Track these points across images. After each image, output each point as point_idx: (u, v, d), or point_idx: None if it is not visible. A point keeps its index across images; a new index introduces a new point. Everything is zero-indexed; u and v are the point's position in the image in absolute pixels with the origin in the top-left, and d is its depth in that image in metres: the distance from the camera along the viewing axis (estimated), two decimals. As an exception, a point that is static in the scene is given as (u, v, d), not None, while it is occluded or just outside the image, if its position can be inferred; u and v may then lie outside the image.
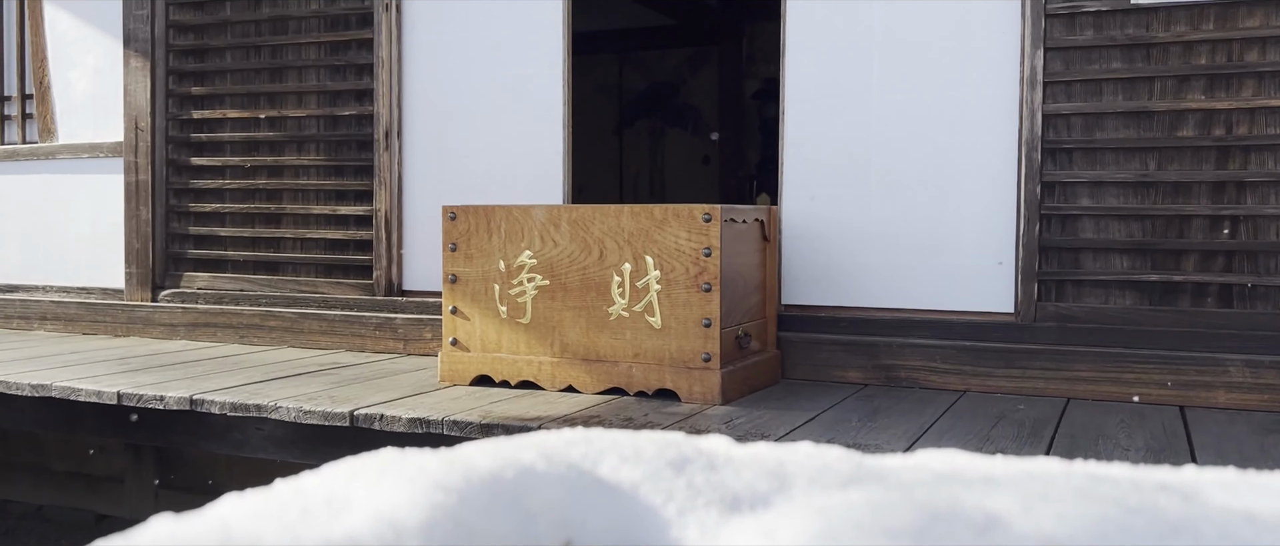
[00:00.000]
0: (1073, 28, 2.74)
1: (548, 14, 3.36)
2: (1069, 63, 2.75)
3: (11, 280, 4.25)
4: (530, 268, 2.84)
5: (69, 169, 4.09)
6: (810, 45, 3.06)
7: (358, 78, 3.60)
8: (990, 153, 2.86)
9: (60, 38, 4.11)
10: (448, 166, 3.53)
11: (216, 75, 3.82)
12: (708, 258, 2.63)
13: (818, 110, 3.05)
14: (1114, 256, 2.73)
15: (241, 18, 3.76)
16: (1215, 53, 2.62)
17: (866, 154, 2.99)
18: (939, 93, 2.91)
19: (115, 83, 3.96)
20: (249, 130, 3.78)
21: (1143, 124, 2.69)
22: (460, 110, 3.50)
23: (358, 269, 3.63)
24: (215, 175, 3.84)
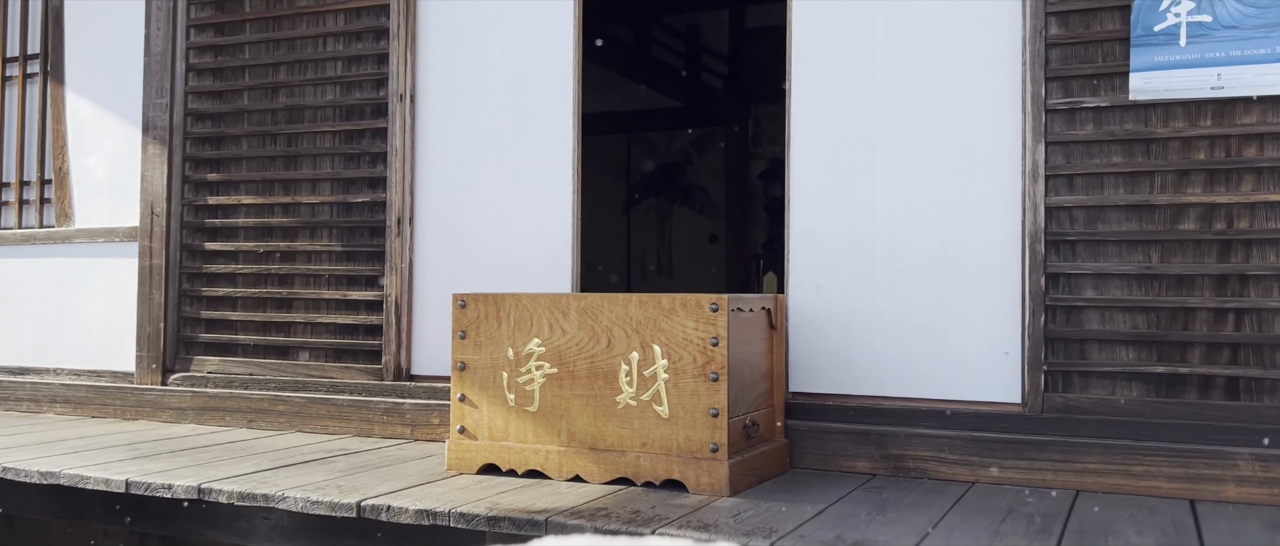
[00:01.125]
0: (1073, 122, 2.80)
1: (558, 106, 3.43)
2: (1070, 156, 2.79)
3: (23, 362, 4.27)
4: (538, 356, 2.86)
5: (84, 253, 4.15)
6: (814, 139, 3.11)
7: (371, 166, 3.67)
8: (995, 244, 2.89)
9: (81, 125, 4.20)
10: (458, 252, 3.57)
11: (232, 162, 3.90)
12: (715, 347, 2.65)
13: (823, 201, 3.10)
14: (1120, 347, 2.74)
15: (258, 107, 3.85)
16: (1214, 148, 2.67)
17: (872, 243, 3.03)
18: (942, 185, 2.96)
19: (133, 169, 4.04)
20: (263, 216, 3.83)
21: (1144, 217, 2.72)
22: (471, 198, 3.56)
23: (367, 354, 3.65)
24: (228, 260, 3.89)
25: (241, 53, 3.90)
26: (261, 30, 3.87)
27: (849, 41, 3.08)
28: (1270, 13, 2.57)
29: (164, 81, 3.96)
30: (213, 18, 3.94)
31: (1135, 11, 2.70)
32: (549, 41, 3.46)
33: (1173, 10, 2.65)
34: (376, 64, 3.67)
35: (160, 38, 3.97)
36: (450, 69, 3.61)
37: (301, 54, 3.79)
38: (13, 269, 4.31)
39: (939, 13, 2.98)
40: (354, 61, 3.71)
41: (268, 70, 3.85)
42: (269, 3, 3.86)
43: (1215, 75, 2.62)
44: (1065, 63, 2.81)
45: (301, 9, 3.79)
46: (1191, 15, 2.64)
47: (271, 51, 3.84)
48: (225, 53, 3.93)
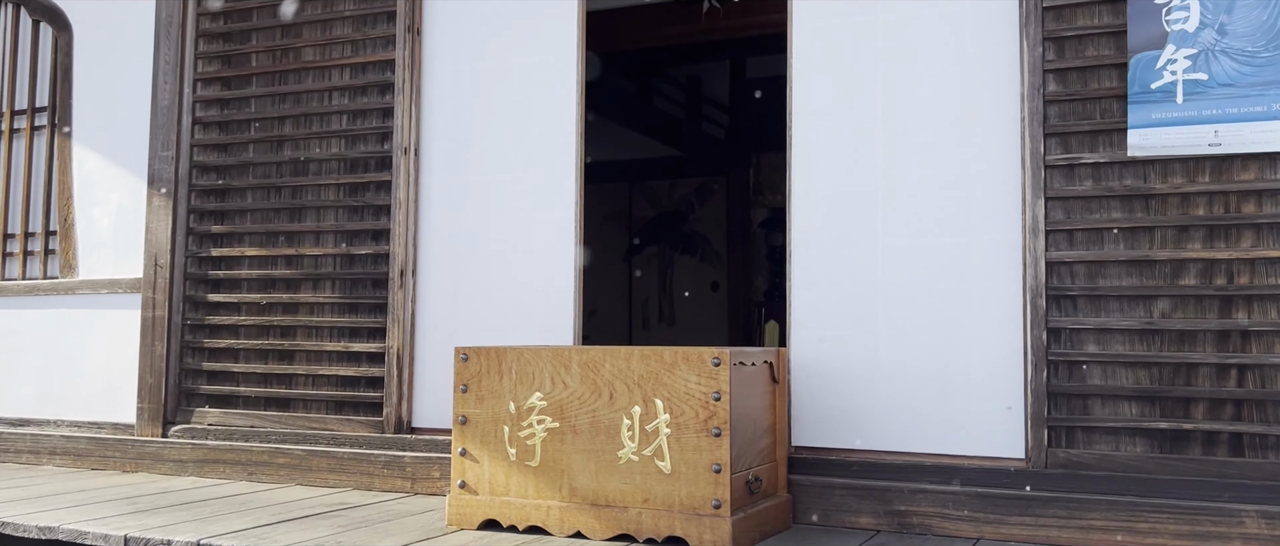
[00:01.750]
0: (1072, 178, 2.81)
1: (560, 159, 3.46)
2: (1070, 211, 2.81)
3: (24, 414, 4.27)
4: (540, 410, 2.85)
5: (87, 304, 4.15)
6: (814, 192, 3.13)
7: (375, 218, 3.69)
8: (996, 298, 2.90)
9: (87, 177, 4.23)
10: (460, 304, 3.58)
11: (237, 214, 3.92)
12: (717, 402, 2.64)
13: (824, 253, 3.11)
14: (1123, 403, 2.74)
15: (264, 159, 3.88)
16: (1213, 204, 2.68)
17: (873, 297, 3.04)
18: (943, 239, 2.97)
19: (138, 220, 4.06)
20: (266, 267, 3.85)
21: (1145, 272, 2.73)
22: (474, 250, 3.57)
23: (368, 406, 3.65)
24: (231, 311, 3.90)
25: (247, 106, 3.94)
26: (267, 84, 3.91)
27: (849, 96, 3.11)
28: (1265, 71, 2.60)
29: (170, 134, 3.99)
30: (220, 72, 3.99)
31: (1132, 69, 2.73)
32: (551, 95, 3.49)
33: (1169, 68, 2.68)
34: (381, 118, 3.70)
35: (167, 91, 4.01)
36: (453, 122, 3.64)
37: (307, 108, 3.83)
38: (15, 320, 4.31)
39: (938, 68, 3.01)
40: (359, 115, 3.75)
41: (273, 123, 3.89)
42: (276, 57, 3.90)
43: (1212, 132, 2.64)
44: (1064, 119, 2.83)
45: (308, 63, 3.84)
46: (1188, 73, 2.67)
47: (277, 105, 3.88)
48: (231, 106, 3.97)
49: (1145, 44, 2.71)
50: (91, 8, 4.26)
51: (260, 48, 3.92)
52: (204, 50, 4.02)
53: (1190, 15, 2.67)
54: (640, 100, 7.56)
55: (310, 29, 3.85)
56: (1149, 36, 2.71)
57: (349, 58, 3.77)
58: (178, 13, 4.02)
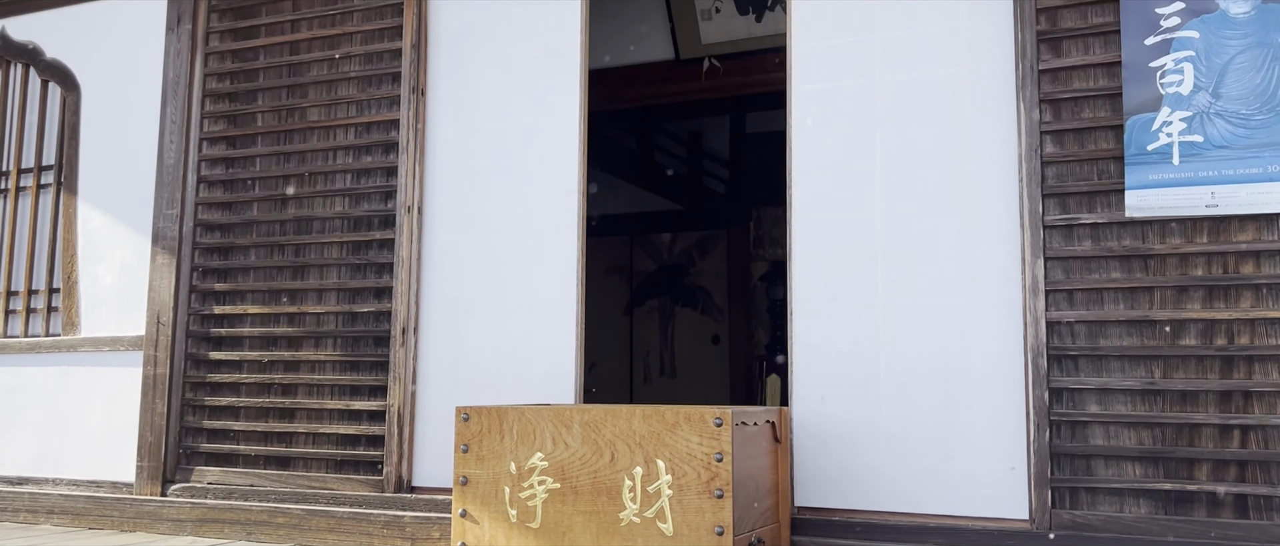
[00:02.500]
0: (1071, 238, 2.83)
1: (562, 217, 3.48)
2: (1069, 271, 2.82)
3: (23, 472, 4.25)
4: (541, 470, 2.84)
5: (89, 362, 4.15)
6: (814, 251, 3.15)
7: (378, 276, 3.70)
8: (998, 357, 2.90)
9: (92, 234, 4.25)
10: (461, 361, 3.58)
11: (240, 272, 3.94)
12: (720, 463, 2.63)
13: (825, 312, 3.12)
14: (1126, 463, 2.73)
15: (267, 218, 3.91)
16: (1211, 264, 2.70)
17: (875, 355, 3.04)
18: (943, 298, 2.98)
19: (141, 278, 4.08)
20: (269, 325, 3.86)
21: (1145, 332, 2.74)
22: (476, 307, 3.58)
23: (368, 465, 3.63)
24: (232, 369, 3.90)
25: (252, 165, 3.98)
26: (272, 143, 3.95)
27: (848, 157, 3.14)
28: (1260, 134, 2.63)
29: (175, 192, 4.03)
30: (225, 131, 4.03)
31: (1128, 131, 2.76)
32: (554, 154, 3.53)
33: (1165, 130, 2.72)
34: (385, 177, 3.73)
35: (173, 150, 4.05)
36: (456, 181, 3.67)
37: (312, 166, 3.86)
38: (16, 378, 4.31)
39: (936, 130, 3.04)
40: (363, 174, 3.78)
41: (278, 182, 3.92)
42: (281, 117, 3.95)
43: (1209, 194, 2.66)
44: (1062, 180, 2.86)
45: (313, 123, 3.88)
46: (1183, 135, 2.70)
47: (282, 164, 3.92)
48: (236, 165, 4.01)
49: (1141, 106, 2.75)
50: (100, 68, 4.32)
51: (266, 107, 3.97)
52: (210, 110, 4.06)
53: (1184, 79, 2.70)
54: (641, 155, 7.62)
55: (316, 89, 3.90)
56: (1144, 99, 2.75)
57: (354, 118, 3.81)
58: (185, 73, 4.08)
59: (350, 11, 3.86)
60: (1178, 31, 2.72)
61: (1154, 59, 2.74)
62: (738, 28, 5.41)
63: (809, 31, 3.25)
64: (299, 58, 3.93)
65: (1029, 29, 2.91)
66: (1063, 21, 2.89)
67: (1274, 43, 2.62)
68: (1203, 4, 2.70)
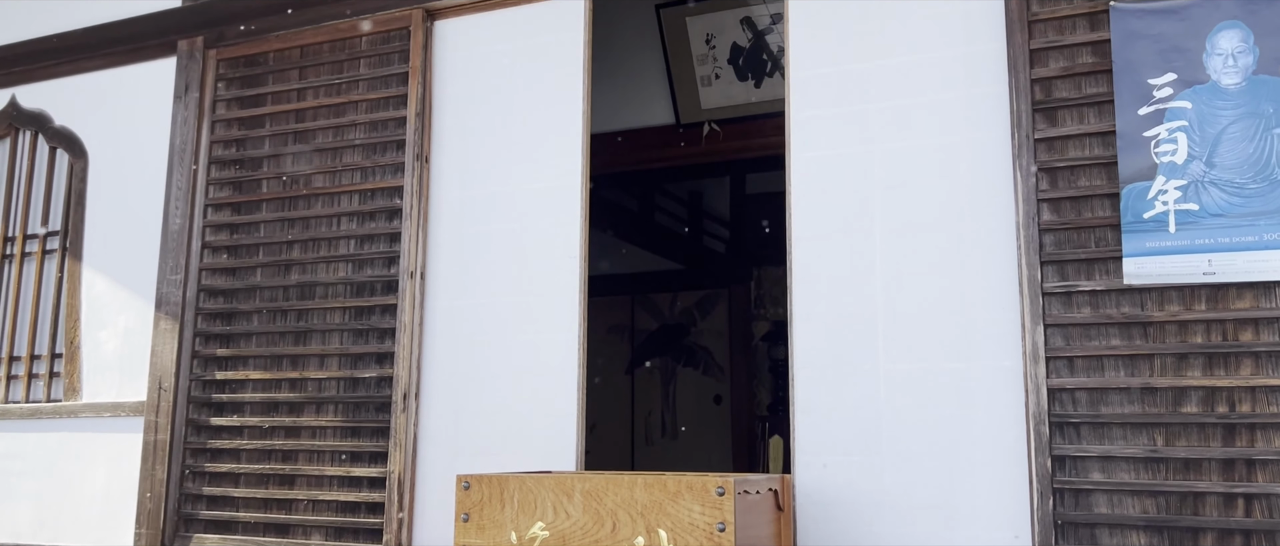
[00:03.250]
0: (1070, 305, 2.85)
1: (565, 282, 3.50)
2: (1069, 339, 2.83)
3: (21, 539, 4.22)
4: (542, 540, 2.82)
5: (90, 428, 4.15)
6: (815, 316, 3.17)
7: (380, 341, 3.71)
8: (999, 425, 2.90)
9: (95, 299, 4.27)
10: (463, 427, 3.58)
11: (243, 337, 3.95)
12: (722, 533, 2.62)
13: (826, 378, 3.12)
14: (1131, 532, 2.71)
15: (271, 283, 3.93)
16: (1211, 332, 2.71)
17: (877, 422, 3.04)
18: (944, 364, 2.99)
19: (144, 343, 4.09)
20: (270, 391, 3.86)
21: (1147, 399, 2.74)
22: (477, 372, 3.59)
23: (368, 532, 3.61)
24: (233, 435, 3.89)
25: (257, 231, 4.01)
26: (278, 209, 3.99)
27: (847, 223, 3.17)
28: (1254, 202, 2.65)
29: (180, 258, 4.05)
30: (231, 197, 4.07)
31: (1124, 199, 2.79)
32: (556, 220, 3.56)
33: (1160, 199, 2.74)
34: (389, 242, 3.76)
35: (179, 215, 4.09)
36: (459, 246, 3.70)
37: (316, 232, 3.89)
38: (16, 444, 4.30)
39: (934, 197, 3.07)
40: (367, 240, 3.81)
41: (282, 248, 3.95)
42: (286, 183, 3.99)
43: (1206, 261, 2.68)
44: (1059, 247, 2.88)
45: (318, 189, 3.92)
46: (1179, 203, 2.73)
47: (286, 230, 3.95)
48: (241, 231, 4.04)
49: (1136, 175, 2.78)
50: (108, 135, 4.38)
51: (271, 174, 4.01)
52: (216, 176, 4.11)
53: (1178, 148, 2.74)
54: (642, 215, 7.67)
55: (321, 156, 3.94)
56: (1139, 168, 2.78)
57: (358, 184, 3.85)
58: (191, 140, 4.13)
59: (356, 81, 3.93)
60: (1170, 102, 2.76)
61: (1148, 129, 2.78)
62: (737, 93, 5.49)
63: (807, 101, 3.30)
64: (305, 125, 3.98)
65: (1024, 99, 2.95)
66: (1057, 92, 2.94)
67: (1265, 114, 2.66)
68: (1194, 75, 2.75)
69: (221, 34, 4.19)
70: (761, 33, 5.41)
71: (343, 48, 3.97)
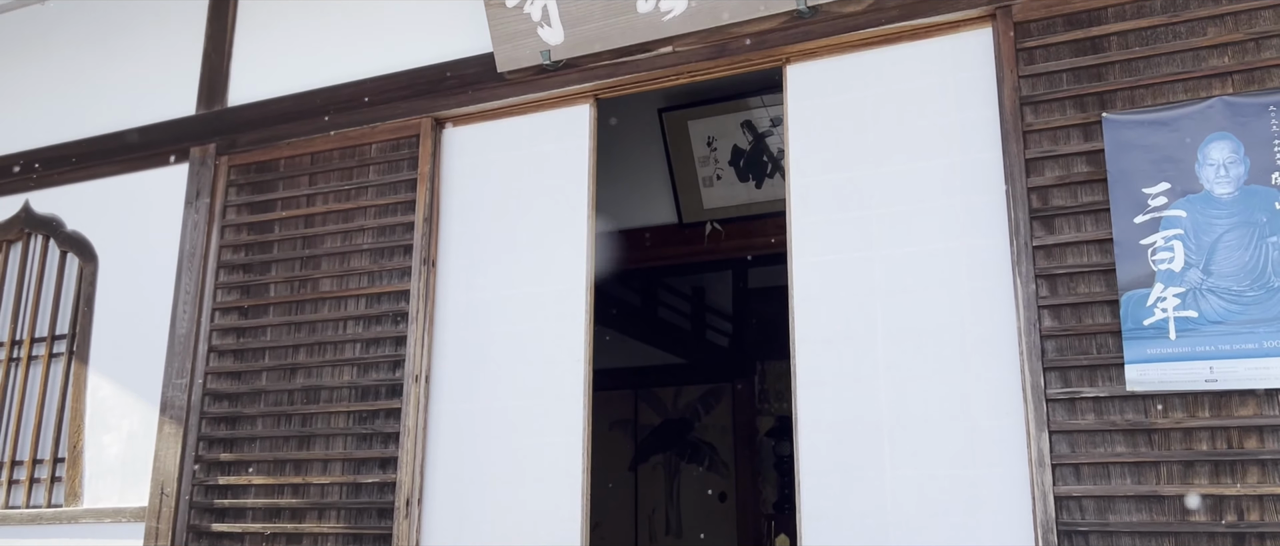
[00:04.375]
0: (1074, 412, 2.85)
1: (568, 385, 3.51)
2: (1074, 445, 2.83)
3: (15, 649, 4.15)
4: (547, 654, 2.78)
5: (90, 534, 4.11)
6: (821, 421, 3.17)
7: (383, 445, 3.71)
8: (1007, 532, 2.87)
9: (100, 404, 4.28)
10: (466, 532, 3.55)
11: (246, 441, 3.94)
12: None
13: (832, 484, 3.10)
14: (1145, 645, 2.67)
15: (276, 387, 3.94)
16: (1215, 439, 2.70)
17: (884, 530, 3.01)
18: (950, 471, 2.98)
19: (147, 448, 4.08)
20: (272, 496, 3.84)
21: (1154, 508, 2.72)
22: (481, 475, 3.57)
23: (370, 642, 3.55)
24: (235, 543, 3.85)
25: (263, 335, 4.03)
26: (284, 313, 4.02)
27: (850, 328, 3.19)
28: (1253, 310, 2.68)
29: (186, 362, 4.07)
30: (238, 301, 4.11)
31: (1124, 306, 2.82)
32: (560, 322, 3.58)
33: (1160, 306, 2.77)
34: (394, 346, 3.78)
35: (186, 319, 4.12)
36: (464, 350, 3.72)
37: (322, 336, 3.92)
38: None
39: (936, 302, 3.10)
40: (372, 343, 3.83)
41: (288, 352, 3.97)
42: (294, 287, 4.03)
43: (1208, 368, 2.70)
44: (1061, 353, 2.90)
45: (324, 294, 3.95)
46: (1178, 310, 2.75)
47: (292, 333, 3.98)
48: (247, 335, 4.07)
49: (1134, 282, 2.81)
50: (118, 240, 4.44)
51: (279, 278, 4.05)
52: (224, 280, 4.15)
53: (1175, 256, 2.78)
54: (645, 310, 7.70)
55: (329, 260, 3.99)
56: (1137, 275, 2.81)
57: (365, 288, 3.89)
58: (201, 244, 4.19)
59: (365, 187, 4.00)
60: (1165, 211, 2.81)
61: (1144, 236, 2.82)
62: (738, 194, 5.57)
63: (807, 207, 3.36)
64: (314, 230, 4.04)
65: (1022, 207, 3.00)
66: (1054, 200, 2.99)
67: (1259, 223, 2.71)
68: (1187, 184, 2.80)
69: (234, 141, 4.28)
70: (762, 135, 5.52)
71: (353, 155, 4.06)
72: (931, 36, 3.27)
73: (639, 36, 3.59)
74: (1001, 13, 3.14)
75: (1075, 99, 3.02)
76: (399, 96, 3.99)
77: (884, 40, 3.33)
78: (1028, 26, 3.11)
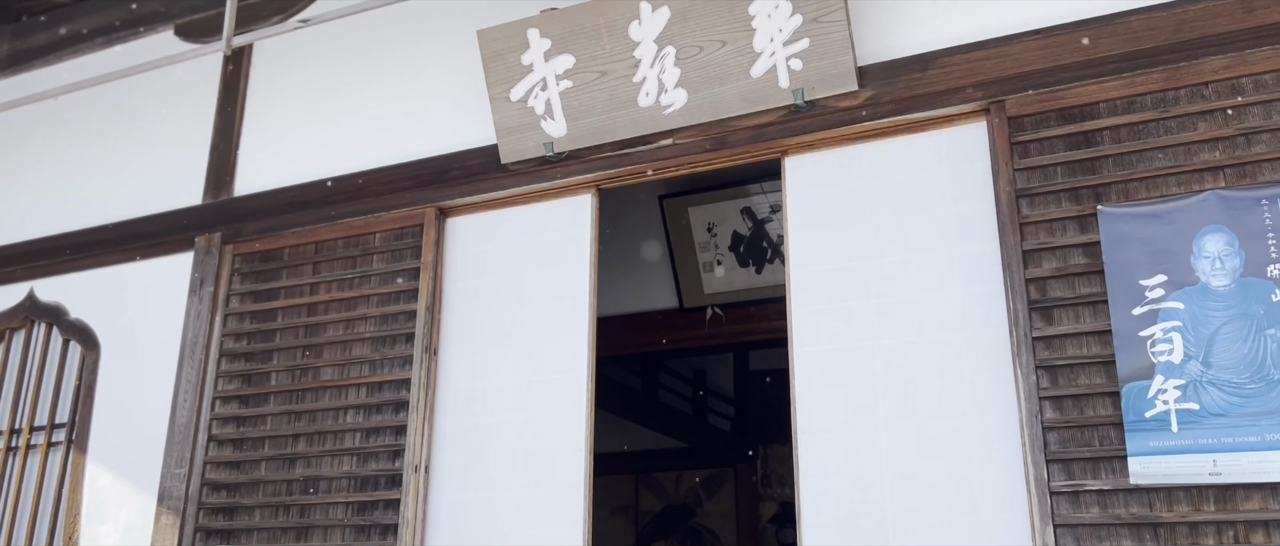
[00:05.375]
0: (1078, 505, 2.83)
1: (569, 476, 3.49)
2: (1080, 539, 2.80)
3: None
4: None
5: (83, 628, 4.05)
6: (825, 512, 3.14)
7: (382, 537, 3.67)
8: (1014, 629, 2.83)
9: (97, 493, 4.24)
10: (465, 628, 3.49)
11: (244, 533, 3.90)
12: None
13: (836, 578, 3.07)
14: None
15: (275, 477, 3.91)
16: (1222, 533, 2.68)
17: (889, 626, 2.97)
18: (956, 565, 2.94)
19: (143, 539, 4.03)
20: (269, 589, 3.78)
21: (1163, 604, 2.69)
22: (480, 569, 3.53)
23: None
24: (229, 636, 3.79)
25: (263, 424, 4.02)
26: (285, 402, 4.01)
27: (851, 417, 3.19)
28: (1254, 402, 2.68)
29: (185, 451, 4.05)
30: (239, 390, 4.11)
31: (1125, 398, 2.82)
32: (561, 411, 3.57)
33: (1161, 398, 2.77)
34: (394, 435, 3.77)
35: (186, 409, 4.11)
36: (465, 440, 3.70)
37: (322, 425, 3.90)
38: (6, 644, 4.19)
39: (937, 392, 3.10)
40: (372, 433, 3.81)
41: (287, 441, 3.95)
42: (295, 376, 4.03)
43: (1211, 461, 2.69)
44: (1064, 446, 2.89)
45: (326, 383, 3.95)
46: (1179, 403, 2.75)
47: (292, 423, 3.96)
48: (247, 424, 4.05)
49: (1134, 374, 2.82)
50: (121, 328, 4.45)
51: (281, 367, 4.06)
52: (225, 369, 4.15)
53: (1174, 348, 2.79)
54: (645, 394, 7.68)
55: (331, 349, 4.00)
56: (1137, 367, 2.82)
57: (366, 377, 3.89)
58: (204, 333, 4.20)
59: (369, 275, 4.03)
60: (1163, 303, 2.83)
61: (1143, 328, 2.84)
62: (739, 279, 5.61)
63: (807, 296, 3.38)
64: (316, 319, 4.06)
65: (1020, 298, 3.02)
66: (1052, 292, 3.01)
67: (1256, 315, 2.72)
68: (1184, 277, 2.83)
69: (239, 230, 4.32)
70: (761, 222, 5.58)
71: (357, 243, 4.09)
72: (927, 130, 3.33)
73: (640, 129, 3.66)
74: (995, 107, 3.21)
75: (1070, 191, 3.06)
76: (404, 186, 4.05)
77: (880, 133, 3.39)
78: (1021, 121, 3.17)
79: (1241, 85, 2.94)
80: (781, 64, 3.43)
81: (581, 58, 3.67)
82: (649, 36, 3.59)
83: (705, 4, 3.50)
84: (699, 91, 3.54)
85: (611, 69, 3.65)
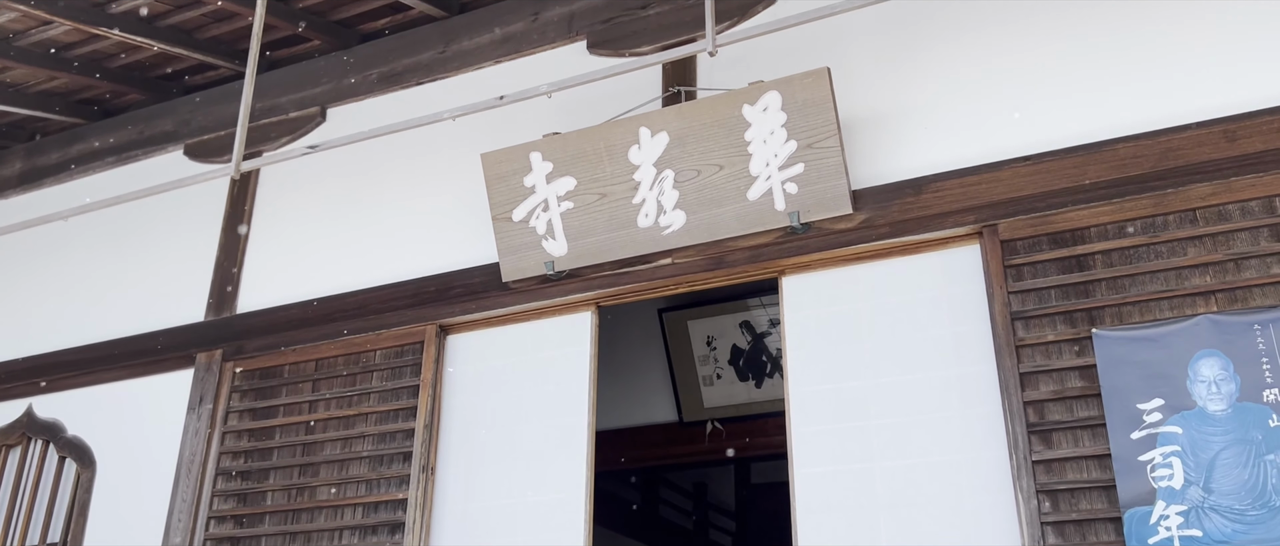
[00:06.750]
0: (1085, 634, 2.78)
1: None
2: (1088, 671, 2.74)
3: None
4: None
5: None
6: (827, 641, 3.08)
7: (375, 663, 3.59)
8: None
9: (90, 602, 4.17)
10: None
11: (234, 657, 3.82)
12: None
13: None
14: None
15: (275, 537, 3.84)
16: (1232, 665, 2.63)
17: None
18: None
19: (135, 648, 3.95)
20: None
21: None
22: None
23: None
24: None
25: (258, 545, 3.96)
26: (280, 522, 3.96)
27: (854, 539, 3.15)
28: (1256, 530, 2.65)
29: (177, 572, 3.99)
30: (235, 509, 4.06)
31: (1127, 524, 2.79)
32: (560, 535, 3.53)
33: (1163, 524, 2.75)
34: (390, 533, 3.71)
35: (180, 529, 4.06)
36: None
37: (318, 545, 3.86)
38: None
39: (938, 515, 3.07)
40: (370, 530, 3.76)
41: (281, 562, 3.89)
42: (291, 495, 3.99)
43: (1218, 590, 2.65)
44: (1068, 572, 2.85)
45: (322, 502, 3.92)
46: (1182, 530, 2.73)
47: (288, 544, 3.91)
48: (242, 545, 4.00)
49: (1136, 499, 2.80)
50: (118, 445, 4.43)
51: (277, 486, 4.02)
52: (221, 488, 4.12)
53: (1174, 473, 2.78)
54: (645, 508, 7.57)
55: (328, 468, 3.97)
56: (1138, 492, 2.80)
57: (362, 497, 3.86)
58: (201, 451, 4.18)
59: (368, 393, 4.03)
60: (1161, 427, 2.83)
61: (1142, 453, 2.83)
62: (738, 393, 5.60)
63: (806, 416, 3.37)
64: (314, 437, 4.04)
65: (1019, 421, 3.02)
66: (1050, 414, 3.01)
67: (1254, 440, 2.72)
68: (1181, 401, 2.83)
69: (241, 347, 4.34)
70: (760, 335, 5.60)
71: (357, 361, 4.10)
72: (921, 252, 3.38)
73: (639, 249, 3.71)
74: (988, 231, 3.26)
75: (1065, 314, 3.09)
76: (406, 303, 4.08)
77: (875, 255, 3.44)
78: (1014, 244, 3.22)
79: (1228, 211, 2.99)
80: (777, 187, 3.50)
81: (582, 180, 3.75)
82: (648, 160, 3.67)
83: (703, 129, 3.59)
84: (697, 213, 3.61)
85: (612, 191, 3.72)
